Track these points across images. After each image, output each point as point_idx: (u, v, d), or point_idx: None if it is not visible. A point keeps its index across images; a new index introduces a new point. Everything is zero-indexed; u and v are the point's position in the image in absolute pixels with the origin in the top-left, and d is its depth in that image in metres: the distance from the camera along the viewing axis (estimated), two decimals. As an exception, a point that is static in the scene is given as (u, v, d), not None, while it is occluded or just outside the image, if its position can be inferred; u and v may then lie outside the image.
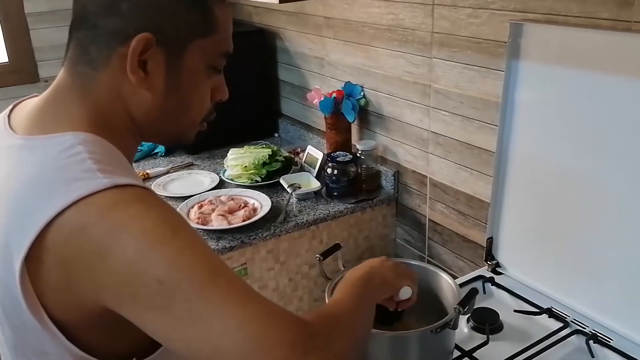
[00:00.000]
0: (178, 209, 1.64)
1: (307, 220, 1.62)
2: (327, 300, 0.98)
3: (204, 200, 1.68)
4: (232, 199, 1.69)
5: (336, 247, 1.08)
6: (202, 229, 1.56)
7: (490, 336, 1.09)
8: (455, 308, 0.90)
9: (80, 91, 0.69)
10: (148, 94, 0.69)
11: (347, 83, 1.81)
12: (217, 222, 1.57)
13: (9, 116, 0.74)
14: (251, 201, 1.69)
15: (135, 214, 0.60)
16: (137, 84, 0.67)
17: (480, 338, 1.11)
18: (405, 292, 0.89)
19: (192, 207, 1.66)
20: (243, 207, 1.65)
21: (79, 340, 0.65)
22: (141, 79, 0.67)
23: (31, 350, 0.68)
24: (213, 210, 1.63)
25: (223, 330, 0.57)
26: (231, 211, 1.62)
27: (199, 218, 1.59)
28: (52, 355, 0.66)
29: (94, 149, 0.64)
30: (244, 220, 1.57)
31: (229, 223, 1.56)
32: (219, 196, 1.71)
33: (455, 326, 0.91)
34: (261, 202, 1.67)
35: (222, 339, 0.57)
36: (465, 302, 0.90)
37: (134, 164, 2.15)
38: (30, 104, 0.74)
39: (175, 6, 0.68)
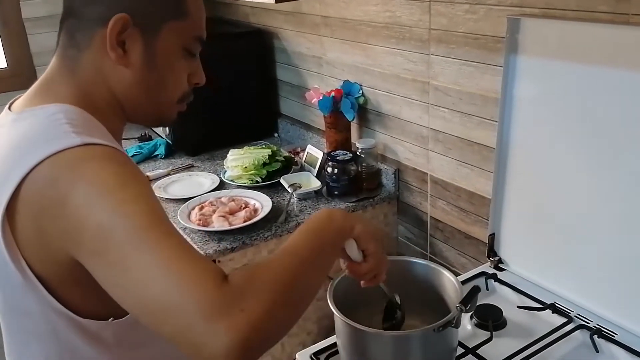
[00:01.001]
0: (179, 211, 1.64)
1: (308, 220, 1.61)
2: (328, 302, 0.98)
3: (205, 202, 1.68)
4: (233, 200, 1.69)
5: (337, 247, 1.07)
6: (204, 231, 1.55)
7: (493, 333, 1.09)
8: (457, 307, 0.89)
9: (67, 72, 0.77)
10: (127, 71, 0.76)
11: (346, 82, 1.81)
12: (218, 224, 1.56)
13: (9, 105, 0.82)
14: (252, 202, 1.68)
15: (95, 167, 0.66)
16: (116, 61, 0.75)
17: (483, 335, 1.10)
18: (352, 249, 0.84)
19: (193, 208, 1.66)
20: (244, 208, 1.64)
21: (59, 297, 0.71)
22: (120, 56, 0.75)
23: (17, 311, 0.74)
24: (214, 211, 1.62)
25: (147, 280, 0.60)
26: (232, 212, 1.62)
27: (199, 220, 1.59)
28: (35, 314, 0.71)
29: (73, 117, 0.72)
30: (245, 221, 1.57)
31: (230, 224, 1.56)
32: (220, 197, 1.71)
33: (457, 325, 0.91)
34: (262, 203, 1.67)
35: (145, 289, 0.60)
36: (468, 300, 0.90)
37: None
38: (27, 91, 0.82)
39: None
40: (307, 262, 0.72)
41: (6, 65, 2.40)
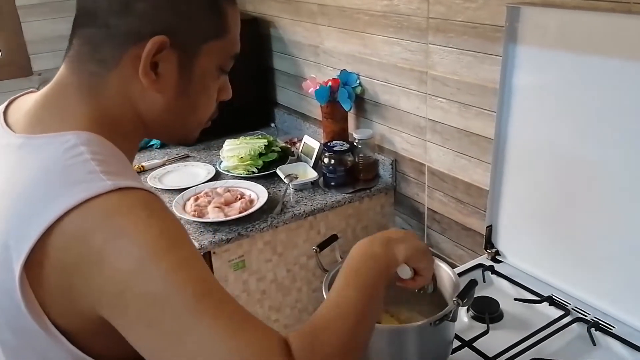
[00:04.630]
0: (174, 202, 1.62)
1: (304, 211, 1.60)
2: (324, 294, 0.97)
3: (200, 193, 1.67)
4: (229, 191, 1.67)
5: (333, 238, 1.06)
6: (199, 222, 1.54)
7: (490, 325, 1.08)
8: (454, 300, 0.88)
9: (87, 90, 0.68)
10: (158, 96, 0.68)
11: (343, 71, 1.79)
12: (213, 215, 1.55)
13: (4, 113, 0.73)
14: (248, 192, 1.67)
15: (136, 221, 0.59)
16: (148, 86, 0.67)
17: (480, 327, 1.10)
18: (404, 272, 0.82)
19: (188, 199, 1.65)
20: (239, 199, 1.63)
21: (81, 344, 0.64)
22: (152, 81, 0.67)
23: (32, 354, 0.67)
24: (209, 202, 1.61)
25: (208, 353, 0.56)
26: (227, 203, 1.61)
27: (195, 210, 1.57)
28: (53, 359, 0.65)
29: (96, 150, 0.63)
30: (240, 212, 1.55)
31: (226, 215, 1.55)
32: (215, 188, 1.70)
33: (454, 318, 0.90)
34: (258, 194, 1.66)
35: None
36: (464, 294, 0.89)
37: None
38: (28, 102, 0.72)
39: (190, 7, 0.67)
40: (364, 317, 0.68)
41: (0, 54, 2.37)
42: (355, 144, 1.72)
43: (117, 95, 0.68)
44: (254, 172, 1.80)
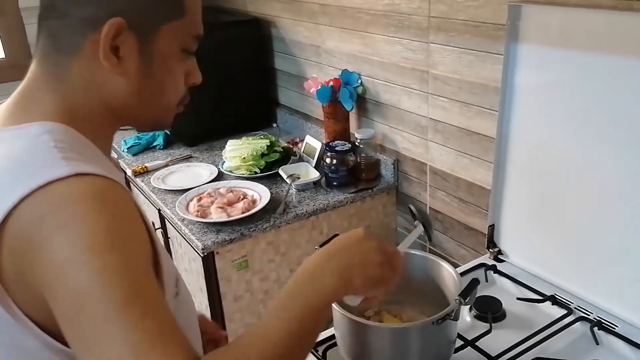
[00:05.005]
0: (177, 203, 1.62)
1: (306, 211, 1.60)
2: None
3: (203, 193, 1.67)
4: (231, 191, 1.68)
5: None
6: (202, 222, 1.54)
7: (493, 325, 1.08)
8: (456, 299, 0.88)
9: (53, 81, 0.69)
10: (122, 80, 0.69)
11: (344, 71, 1.79)
12: (216, 215, 1.55)
13: None
14: (250, 193, 1.67)
15: (86, 211, 0.59)
16: (110, 70, 0.67)
17: (483, 327, 1.09)
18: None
19: (191, 200, 1.65)
20: (242, 199, 1.63)
21: (50, 331, 0.64)
22: (114, 65, 0.67)
23: (7, 346, 0.67)
24: (212, 202, 1.61)
25: None
26: (230, 203, 1.61)
27: (197, 211, 1.58)
28: (29, 349, 0.65)
29: (60, 138, 0.64)
30: (243, 212, 1.56)
31: (229, 215, 1.55)
32: (218, 188, 1.70)
33: (456, 317, 0.90)
34: (260, 194, 1.66)
35: None
36: (467, 293, 0.89)
37: (132, 157, 2.14)
38: (5, 102, 0.74)
39: None
40: (291, 353, 0.63)
41: (4, 56, 2.38)
42: (357, 143, 1.72)
43: (82, 83, 0.68)
44: (256, 173, 1.80)
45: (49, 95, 0.69)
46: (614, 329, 1.06)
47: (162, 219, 1.80)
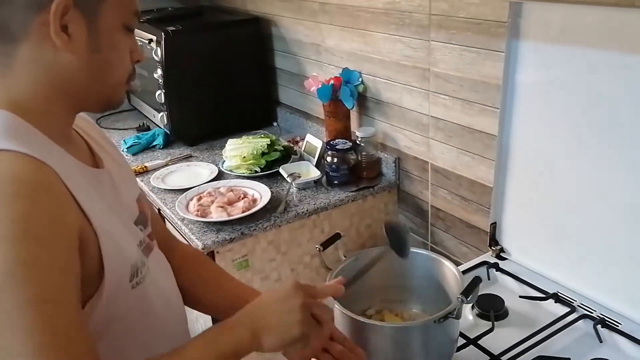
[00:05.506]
0: (177, 202, 1.62)
1: (307, 210, 1.60)
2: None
3: (203, 192, 1.67)
4: (232, 190, 1.67)
5: (336, 237, 1.06)
6: (202, 222, 1.54)
7: (495, 323, 1.07)
8: (458, 298, 0.88)
9: (2, 70, 0.70)
10: (72, 57, 0.70)
11: (345, 69, 1.78)
12: (216, 214, 1.55)
13: None
14: (251, 192, 1.67)
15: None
16: (62, 47, 0.69)
17: (485, 325, 1.09)
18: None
19: (191, 199, 1.65)
20: (242, 198, 1.63)
21: None
22: (65, 42, 0.69)
23: None
24: (212, 202, 1.61)
25: (7, 356, 0.56)
26: (230, 202, 1.61)
27: (198, 210, 1.57)
28: None
29: None
30: (243, 212, 1.55)
31: (229, 215, 1.54)
32: (218, 187, 1.69)
33: (458, 316, 0.89)
34: (261, 193, 1.65)
35: None
36: (469, 291, 0.88)
37: (132, 157, 2.14)
38: None
39: None
40: None
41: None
42: (358, 142, 1.71)
43: (29, 68, 0.70)
44: (256, 172, 1.80)
45: None
46: (618, 326, 1.06)
47: (162, 218, 1.79)
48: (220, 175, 1.83)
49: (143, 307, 0.77)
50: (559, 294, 1.16)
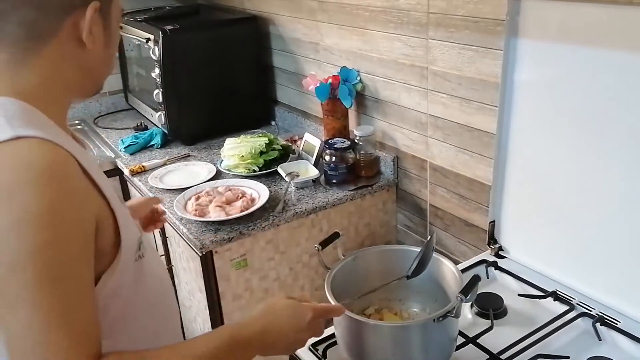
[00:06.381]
0: (175, 202, 1.61)
1: (306, 209, 1.60)
2: (327, 292, 0.96)
3: (201, 192, 1.66)
4: (230, 190, 1.67)
5: (335, 236, 1.06)
6: (200, 221, 1.54)
7: (494, 321, 1.08)
8: (457, 297, 0.87)
9: (15, 66, 0.73)
10: (95, 52, 0.77)
11: (343, 68, 1.78)
12: (214, 214, 1.54)
13: None
14: (249, 191, 1.66)
15: (20, 183, 0.63)
16: (89, 47, 0.75)
17: (484, 323, 1.09)
18: None
19: (189, 198, 1.64)
20: (241, 198, 1.62)
21: None
22: (92, 42, 0.76)
23: None
24: (210, 201, 1.61)
25: (21, 337, 0.62)
26: (229, 202, 1.60)
27: (196, 210, 1.57)
28: None
29: (9, 108, 0.70)
30: (242, 211, 1.55)
31: (227, 214, 1.54)
32: (216, 187, 1.69)
33: (457, 315, 0.89)
34: (259, 192, 1.65)
35: (18, 343, 0.62)
36: (467, 290, 0.88)
37: (129, 156, 2.13)
38: None
39: None
40: None
41: None
42: (356, 141, 1.71)
43: (53, 63, 0.75)
44: (255, 171, 1.79)
45: (8, 77, 0.73)
46: (616, 324, 1.06)
47: (160, 218, 1.79)
48: (218, 175, 1.82)
49: (141, 281, 0.81)
50: (558, 292, 1.16)
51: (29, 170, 0.64)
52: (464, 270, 1.23)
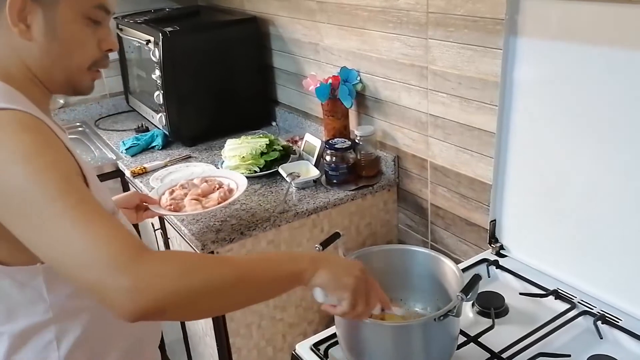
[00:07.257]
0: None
1: (307, 209, 1.60)
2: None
3: (175, 185, 1.55)
4: (206, 181, 1.56)
5: (336, 236, 1.06)
6: (201, 221, 1.53)
7: (495, 320, 1.08)
8: (458, 295, 0.87)
9: None
10: (32, 44, 0.81)
11: (343, 68, 1.78)
12: (190, 208, 1.45)
13: None
14: (226, 182, 1.57)
15: (9, 133, 0.71)
16: (20, 36, 0.79)
17: (485, 322, 1.09)
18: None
19: (163, 193, 1.52)
20: (218, 189, 1.53)
21: None
22: (23, 31, 0.79)
23: None
24: (185, 195, 1.50)
25: (66, 240, 0.67)
26: (205, 194, 1.51)
27: (170, 205, 1.44)
28: None
29: None
30: (219, 203, 1.45)
31: (204, 207, 1.45)
32: (192, 179, 1.59)
33: (458, 314, 0.89)
34: (237, 182, 1.55)
35: (65, 247, 0.66)
36: (468, 289, 0.88)
37: (131, 158, 2.13)
38: None
39: None
40: (242, 283, 0.75)
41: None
42: (356, 141, 1.71)
43: (5, 48, 0.81)
44: (255, 172, 1.79)
45: None
46: (618, 322, 1.06)
47: (161, 219, 1.79)
48: (219, 176, 1.82)
49: None
50: (559, 291, 1.16)
51: (10, 123, 0.72)
52: (465, 270, 1.23)
